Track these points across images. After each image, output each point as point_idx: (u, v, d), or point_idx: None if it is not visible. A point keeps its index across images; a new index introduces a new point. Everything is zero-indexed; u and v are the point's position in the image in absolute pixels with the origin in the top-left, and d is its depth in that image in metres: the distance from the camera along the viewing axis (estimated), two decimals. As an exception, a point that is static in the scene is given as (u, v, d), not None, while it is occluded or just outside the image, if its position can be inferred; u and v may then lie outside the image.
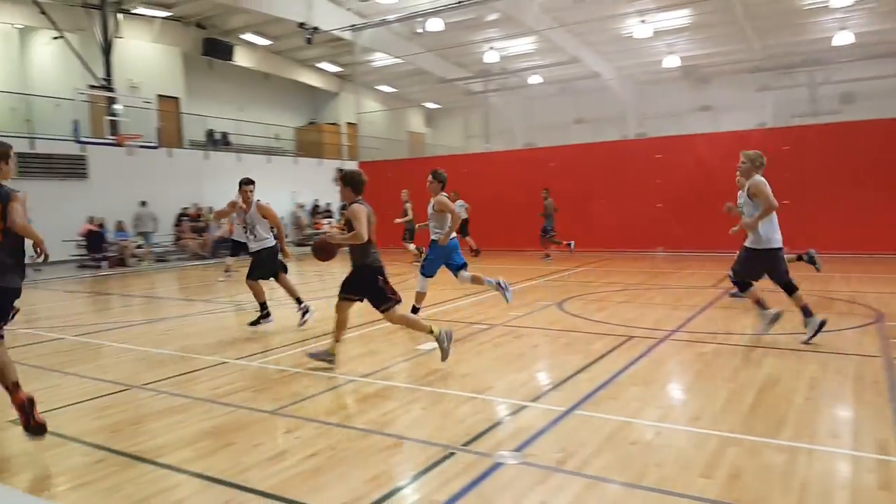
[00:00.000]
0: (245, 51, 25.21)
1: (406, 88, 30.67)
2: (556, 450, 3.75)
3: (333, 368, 5.81)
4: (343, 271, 6.13)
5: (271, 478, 3.49)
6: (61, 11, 18.12)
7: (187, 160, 21.57)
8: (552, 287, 11.10)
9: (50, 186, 17.83)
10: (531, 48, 25.52)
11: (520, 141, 26.17)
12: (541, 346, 6.70)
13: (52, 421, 4.61)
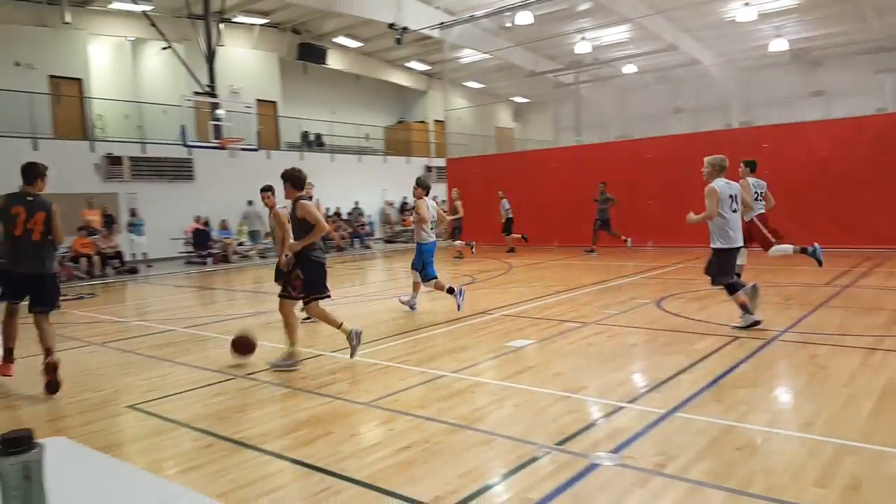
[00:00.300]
0: (337, 54, 25.90)
1: (494, 83, 30.56)
2: (655, 452, 3.61)
3: (299, 370, 5.82)
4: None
5: (367, 468, 3.56)
6: (169, 23, 19.24)
7: (284, 161, 22.15)
8: (649, 284, 10.73)
9: (159, 188, 19.01)
10: (625, 37, 24.81)
11: (613, 133, 25.49)
12: (638, 345, 6.48)
13: (165, 407, 4.92)
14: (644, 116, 24.74)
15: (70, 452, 1.71)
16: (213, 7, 17.18)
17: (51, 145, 17.33)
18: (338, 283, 10.04)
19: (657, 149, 17.45)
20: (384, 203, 25.85)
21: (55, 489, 1.33)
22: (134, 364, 6.43)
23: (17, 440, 1.27)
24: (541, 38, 23.46)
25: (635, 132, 21.61)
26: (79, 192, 16.51)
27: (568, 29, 23.53)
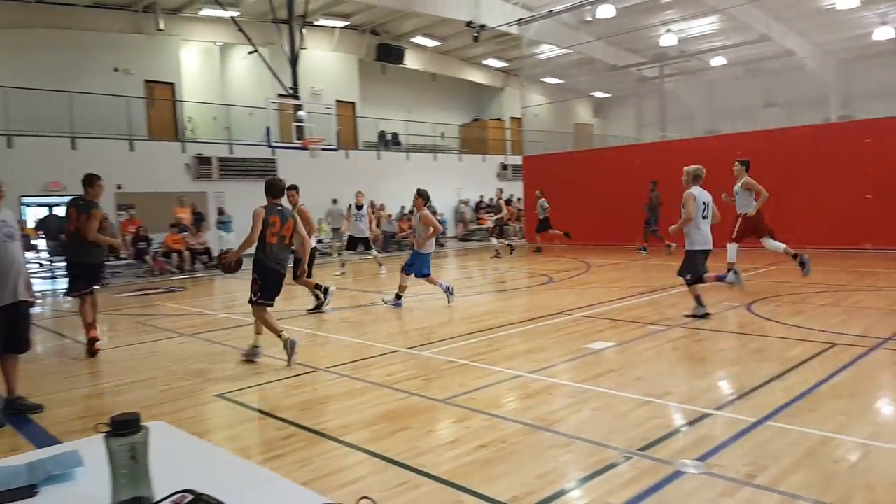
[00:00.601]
0: (414, 53, 26.17)
1: (573, 79, 30.04)
2: (744, 462, 3.44)
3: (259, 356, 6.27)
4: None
5: (445, 464, 3.56)
6: (255, 28, 19.95)
7: (362, 160, 22.87)
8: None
9: (245, 187, 19.72)
10: (714, 28, 23.90)
11: (700, 128, 24.58)
12: (727, 350, 6.21)
13: (250, 396, 5.11)
14: (733, 111, 23.74)
15: (169, 436, 1.79)
16: (297, 11, 17.67)
17: (145, 146, 18.31)
18: (413, 280, 10.16)
19: (748, 144, 16.66)
20: (459, 201, 25.94)
21: (156, 469, 1.40)
22: (221, 355, 6.70)
23: (126, 423, 1.34)
24: (623, 32, 22.89)
25: (724, 127, 20.74)
26: (171, 191, 17.38)
27: (652, 21, 22.88)
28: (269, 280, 6.20)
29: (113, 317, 9.59)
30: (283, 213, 6.29)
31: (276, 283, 6.26)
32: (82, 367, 6.53)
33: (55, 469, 1.57)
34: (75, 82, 17.50)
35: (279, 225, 6.18)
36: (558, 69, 28.44)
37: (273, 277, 6.23)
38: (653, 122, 28.10)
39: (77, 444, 1.76)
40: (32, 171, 15.88)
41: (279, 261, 6.28)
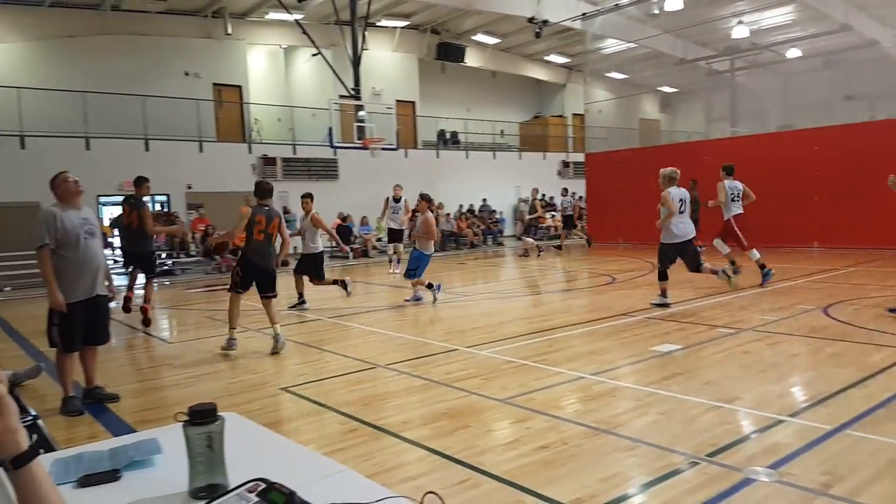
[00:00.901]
0: (475, 51, 26.14)
1: (639, 74, 29.33)
2: (820, 472, 3.30)
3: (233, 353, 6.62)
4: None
5: (505, 464, 3.54)
6: (318, 30, 20.33)
7: (421, 159, 23.01)
8: (816, 289, 9.80)
9: (307, 186, 20.07)
10: (789, 19, 22.95)
11: (773, 123, 23.62)
12: (801, 355, 5.96)
13: (313, 391, 5.22)
14: (809, 105, 22.71)
15: (240, 426, 1.84)
16: (360, 13, 17.93)
17: (213, 147, 18.93)
18: (470, 279, 10.19)
19: (826, 140, 15.94)
20: (518, 200, 25.78)
21: (230, 458, 1.44)
22: (286, 350, 6.85)
23: (204, 412, 1.39)
24: (692, 24, 22.26)
25: (799, 122, 19.89)
26: (237, 191, 17.89)
27: (723, 13, 22.15)
28: (249, 272, 6.84)
29: (182, 311, 9.96)
30: (269, 213, 6.86)
31: (254, 275, 6.87)
32: (155, 360, 6.82)
33: (136, 455, 1.64)
34: (148, 87, 18.24)
35: (264, 223, 6.79)
36: (623, 64, 27.83)
37: (253, 270, 6.85)
38: (723, 118, 27.16)
39: (155, 432, 1.84)
40: (108, 171, 16.64)
41: (261, 256, 6.87)
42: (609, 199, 20.12)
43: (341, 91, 18.97)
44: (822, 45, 23.73)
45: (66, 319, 4.84)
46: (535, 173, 26.14)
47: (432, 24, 24.23)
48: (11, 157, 14.73)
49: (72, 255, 4.81)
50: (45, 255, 4.72)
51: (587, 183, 21.85)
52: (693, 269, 8.78)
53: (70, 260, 4.81)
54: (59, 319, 4.83)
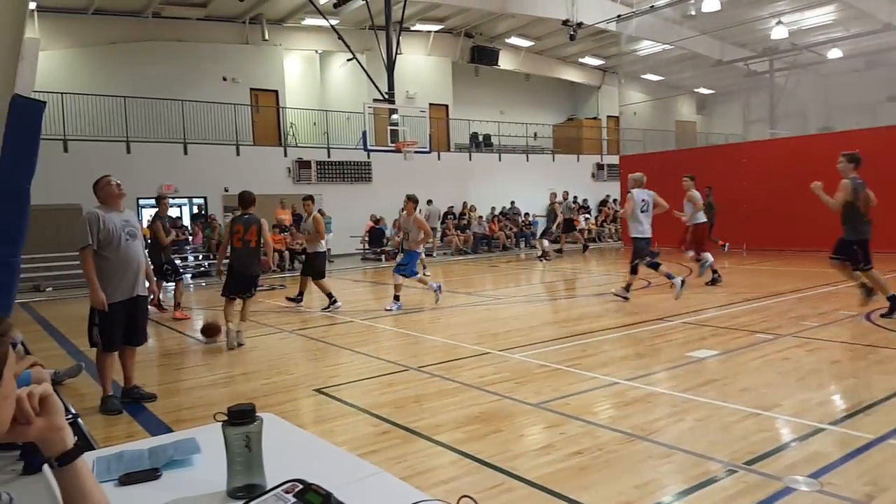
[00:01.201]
0: (508, 54, 26.09)
1: (675, 75, 28.91)
2: (863, 482, 3.20)
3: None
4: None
5: (538, 469, 3.52)
6: (354, 35, 20.53)
7: (454, 162, 23.05)
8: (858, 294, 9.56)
9: (342, 189, 20.38)
10: (830, 18, 22.43)
11: (813, 125, 23.09)
12: (843, 362, 5.81)
13: (346, 392, 5.26)
14: (851, 106, 22.14)
15: (277, 427, 1.86)
16: (394, 18, 18.06)
17: (250, 151, 19.25)
18: (502, 282, 10.19)
19: (868, 142, 15.52)
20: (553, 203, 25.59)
21: (266, 458, 1.46)
22: (319, 351, 6.93)
23: (243, 413, 1.41)
24: (730, 25, 21.88)
25: (840, 124, 19.41)
26: (274, 194, 18.16)
27: (761, 13, 21.74)
28: (233, 278, 7.44)
29: (219, 312, 10.10)
30: (247, 221, 7.39)
31: (239, 281, 7.41)
32: (190, 360, 6.94)
33: (175, 455, 1.68)
34: (187, 91, 18.64)
35: (242, 232, 7.31)
36: (659, 65, 27.48)
37: (237, 276, 7.40)
38: (761, 119, 26.61)
39: (193, 431, 1.87)
40: (148, 174, 17.04)
41: (244, 263, 7.40)
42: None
43: (375, 95, 19.10)
44: (864, 45, 23.11)
45: (107, 319, 4.96)
46: (569, 176, 25.96)
47: (466, 28, 24.28)
48: (55, 160, 15.16)
49: (113, 256, 4.94)
50: (88, 255, 4.86)
51: (622, 186, 21.61)
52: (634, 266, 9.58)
53: (111, 261, 4.94)
54: (100, 319, 4.95)
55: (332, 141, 21.11)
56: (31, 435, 1.22)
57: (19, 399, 1.20)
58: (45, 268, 14.38)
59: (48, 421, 1.23)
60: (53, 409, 1.24)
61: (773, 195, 16.25)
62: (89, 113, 16.87)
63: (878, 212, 14.31)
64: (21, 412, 1.20)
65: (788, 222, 16.03)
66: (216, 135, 18.56)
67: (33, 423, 1.22)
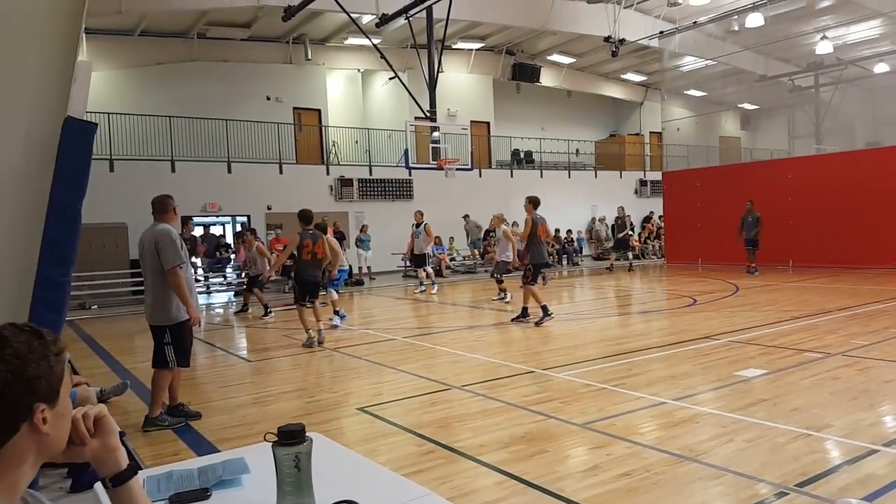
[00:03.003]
0: (549, 71, 26.06)
1: (718, 91, 28.55)
2: (921, 507, 3.08)
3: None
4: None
5: (585, 491, 3.46)
6: (395, 54, 20.79)
7: (495, 179, 23.03)
8: (908, 312, 9.26)
9: (383, 207, 20.53)
10: (876, 33, 21.92)
11: (860, 140, 22.49)
12: (894, 381, 5.59)
13: (390, 411, 5.25)
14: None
15: (325, 447, 1.87)
16: (436, 36, 18.26)
17: (293, 169, 19.57)
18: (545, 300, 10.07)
19: (918, 156, 15.07)
20: (594, 219, 25.36)
21: (315, 477, 1.46)
22: (362, 369, 6.95)
23: (293, 433, 1.41)
24: (774, 41, 21.51)
25: (888, 139, 18.86)
26: (315, 212, 18.36)
27: (806, 28, 21.33)
28: (305, 286, 8.34)
29: (261, 330, 10.27)
30: (314, 237, 8.35)
31: (310, 287, 8.37)
32: (234, 378, 7.04)
33: (224, 474, 1.69)
34: (231, 111, 19.09)
35: (311, 246, 8.24)
36: (702, 81, 27.14)
37: (308, 284, 8.35)
38: (807, 135, 26.04)
39: (242, 451, 1.89)
40: (192, 193, 17.43)
41: (312, 272, 8.35)
42: (688, 218, 19.56)
43: (417, 113, 19.24)
44: (912, 60, 22.51)
45: (182, 337, 5.06)
46: (612, 192, 25.69)
47: (507, 46, 24.35)
48: (101, 179, 15.46)
49: (185, 275, 5.04)
50: (180, 274, 4.93)
51: (664, 202, 21.31)
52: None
53: (187, 279, 5.05)
54: (174, 337, 5.03)
55: (374, 159, 21.33)
56: (87, 456, 1.24)
57: (74, 420, 1.22)
58: (90, 286, 14.66)
59: (103, 442, 1.25)
60: (108, 429, 1.26)
61: (819, 211, 15.81)
62: (135, 132, 17.32)
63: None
64: (76, 433, 1.22)
65: (836, 239, 15.58)
66: (260, 153, 18.92)
67: (88, 444, 1.24)
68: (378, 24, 17.72)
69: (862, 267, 14.85)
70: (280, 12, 16.33)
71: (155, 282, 4.98)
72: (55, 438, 1.16)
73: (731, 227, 17.94)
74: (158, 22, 18.48)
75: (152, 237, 4.99)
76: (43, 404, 1.13)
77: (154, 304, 5.02)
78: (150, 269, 4.99)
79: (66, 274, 3.66)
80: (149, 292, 5.09)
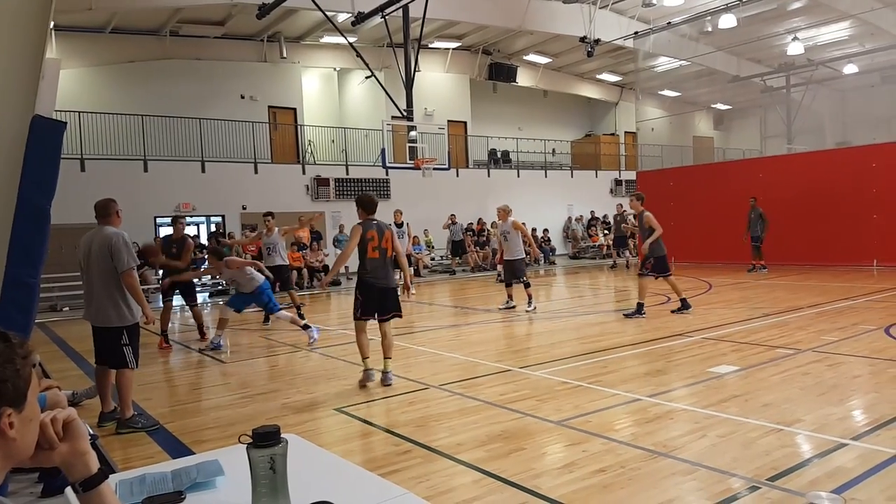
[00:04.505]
0: (526, 71, 26.19)
1: (692, 91, 28.85)
2: (885, 497, 3.19)
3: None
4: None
5: (562, 487, 3.49)
6: (372, 52, 20.72)
7: (472, 179, 23.09)
8: (877, 308, 9.46)
9: (361, 206, 20.44)
10: (845, 34, 22.36)
11: (830, 140, 22.91)
12: (863, 377, 5.73)
13: (367, 411, 5.24)
14: (867, 121, 21.97)
15: (300, 448, 1.86)
16: (413, 35, 18.24)
17: (268, 169, 19.42)
18: (521, 298, 10.16)
19: (885, 156, 15.40)
20: (569, 218, 25.53)
21: (291, 480, 1.45)
22: (339, 369, 6.93)
23: (268, 435, 1.41)
24: (746, 42, 21.83)
25: (857, 138, 19.26)
26: (291, 211, 18.28)
27: (777, 30, 21.69)
28: (371, 294, 6.08)
29: (236, 331, 10.17)
30: (379, 228, 6.14)
31: (379, 297, 6.10)
32: (210, 379, 6.97)
33: (199, 477, 1.68)
34: (205, 110, 18.87)
35: (377, 239, 6.04)
36: (676, 81, 27.46)
37: (377, 292, 6.09)
38: (778, 135, 26.45)
39: (216, 453, 1.87)
40: (165, 193, 17.23)
41: (381, 275, 6.10)
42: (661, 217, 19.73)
43: (394, 112, 19.20)
44: (880, 61, 23.02)
45: (137, 336, 5.12)
46: (587, 192, 25.91)
47: (484, 45, 24.41)
48: (72, 179, 15.06)
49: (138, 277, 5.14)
50: (135, 276, 5.00)
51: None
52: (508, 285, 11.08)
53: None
54: (132, 338, 5.05)
55: (351, 158, 21.24)
56: (55, 460, 1.22)
57: (43, 424, 1.20)
58: (61, 287, 14.42)
59: (72, 446, 1.23)
60: (77, 434, 1.24)
61: (790, 210, 16.10)
62: (106, 131, 17.03)
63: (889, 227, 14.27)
64: (45, 438, 1.20)
65: (805, 237, 15.89)
66: (234, 153, 18.74)
67: (57, 449, 1.22)
68: (354, 23, 17.65)
69: (831, 264, 15.16)
70: (254, 10, 16.18)
71: (108, 284, 4.96)
72: (23, 443, 1.14)
73: (704, 225, 18.21)
74: (130, 19, 18.19)
75: (103, 240, 4.97)
76: (9, 409, 1.11)
77: (109, 306, 4.97)
78: (101, 272, 4.97)
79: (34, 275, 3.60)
80: (97, 295, 5.01)
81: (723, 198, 17.79)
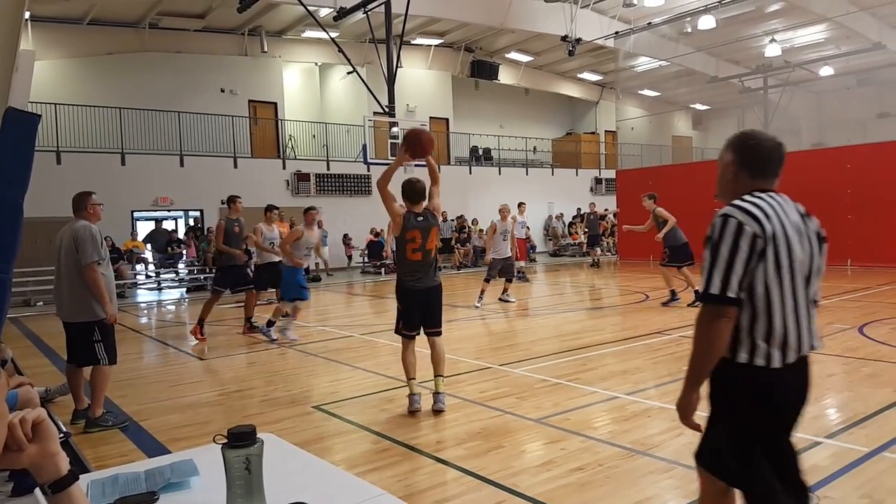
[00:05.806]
0: (508, 69, 26.23)
1: (672, 91, 29.16)
2: (858, 495, 3.23)
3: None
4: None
5: (540, 486, 3.50)
6: (354, 48, 20.61)
7: (453, 176, 23.06)
8: (851, 308, 9.60)
9: (342, 202, 20.39)
10: (822, 37, 22.70)
11: (807, 141, 23.27)
12: (837, 375, 5.81)
13: (345, 409, 5.22)
14: (843, 123, 22.35)
15: (277, 447, 1.84)
16: (395, 31, 18.18)
17: (248, 163, 19.24)
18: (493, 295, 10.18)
19: (859, 158, 15.68)
20: (550, 216, 25.64)
21: (267, 480, 1.43)
22: (318, 367, 6.89)
23: (243, 435, 1.39)
24: (725, 43, 22.07)
25: (832, 140, 19.58)
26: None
27: (755, 31, 21.95)
28: (414, 302, 5.09)
29: (214, 327, 10.08)
30: (424, 225, 5.04)
31: (425, 306, 5.09)
32: (187, 376, 6.89)
33: (172, 477, 1.65)
34: (184, 103, 18.63)
35: (421, 239, 4.99)
36: (656, 81, 27.71)
37: (421, 298, 5.06)
38: (755, 135, 26.74)
39: (191, 452, 1.84)
40: (143, 187, 16.99)
41: (425, 281, 5.06)
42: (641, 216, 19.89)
43: (375, 108, 19.11)
44: (855, 64, 23.45)
45: (111, 334, 5.01)
46: (568, 190, 26.03)
47: (466, 43, 24.40)
48: (47, 172, 14.86)
49: (107, 273, 5.03)
50: (97, 270, 4.87)
51: (618, 200, 21.68)
52: (508, 280, 11.69)
53: (107, 277, 5.02)
54: (104, 335, 4.96)
55: (332, 154, 21.12)
56: (24, 462, 1.18)
57: (11, 425, 1.16)
58: (35, 282, 14.17)
59: (41, 448, 1.19)
60: (47, 435, 1.21)
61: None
62: (83, 124, 16.77)
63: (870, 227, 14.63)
64: (13, 439, 1.16)
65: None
66: (213, 147, 18.54)
67: (26, 450, 1.18)
68: (336, 18, 17.53)
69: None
70: (235, 3, 15.99)
71: (77, 278, 4.89)
72: None
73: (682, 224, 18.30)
74: (108, 10, 17.88)
75: (72, 233, 4.92)
76: None
77: (79, 300, 4.91)
78: (70, 265, 4.91)
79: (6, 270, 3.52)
80: (67, 289, 4.95)
81: (701, 197, 17.91)
